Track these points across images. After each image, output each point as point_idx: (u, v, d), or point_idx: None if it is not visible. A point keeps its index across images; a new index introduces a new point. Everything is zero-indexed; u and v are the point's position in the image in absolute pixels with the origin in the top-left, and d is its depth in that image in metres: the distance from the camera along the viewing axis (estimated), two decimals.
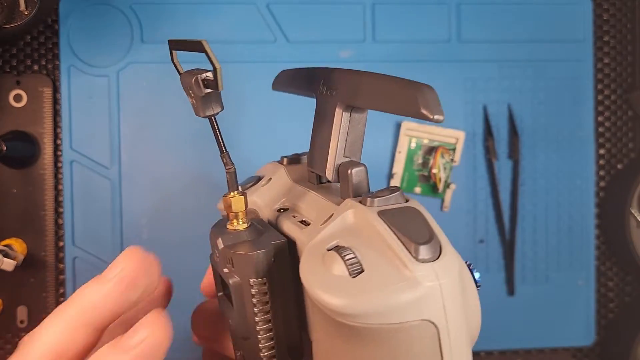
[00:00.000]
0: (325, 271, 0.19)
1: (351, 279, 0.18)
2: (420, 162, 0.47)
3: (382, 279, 0.18)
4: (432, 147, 0.47)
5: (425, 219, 0.20)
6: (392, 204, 0.21)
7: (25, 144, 0.44)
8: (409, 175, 0.47)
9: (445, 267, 0.19)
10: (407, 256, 0.18)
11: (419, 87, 0.20)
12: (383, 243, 0.19)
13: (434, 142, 0.47)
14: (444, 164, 0.46)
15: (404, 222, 0.20)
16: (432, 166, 0.46)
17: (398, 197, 0.21)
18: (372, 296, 0.18)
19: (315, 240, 0.21)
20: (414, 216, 0.20)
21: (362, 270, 0.19)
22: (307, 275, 0.19)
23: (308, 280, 0.19)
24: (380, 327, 0.18)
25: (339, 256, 0.19)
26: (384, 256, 0.19)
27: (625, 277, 0.50)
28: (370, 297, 0.18)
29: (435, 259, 0.19)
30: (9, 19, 0.39)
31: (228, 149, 0.24)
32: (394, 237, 0.19)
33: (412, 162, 0.47)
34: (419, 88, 0.20)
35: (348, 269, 0.19)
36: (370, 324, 0.18)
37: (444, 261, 0.19)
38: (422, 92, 0.19)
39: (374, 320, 0.18)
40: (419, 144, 0.47)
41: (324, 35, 0.46)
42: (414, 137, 0.47)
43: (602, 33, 0.49)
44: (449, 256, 0.19)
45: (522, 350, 0.48)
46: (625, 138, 0.50)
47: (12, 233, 0.44)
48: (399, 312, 0.18)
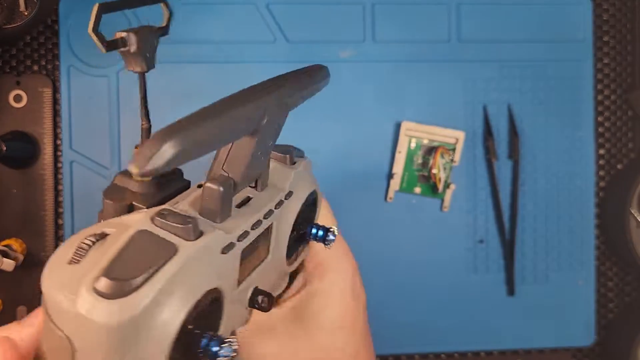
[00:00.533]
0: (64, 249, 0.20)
1: (65, 264, 0.19)
2: (420, 162, 0.47)
3: (70, 279, 0.18)
4: (432, 147, 0.47)
5: (168, 263, 0.19)
6: (165, 229, 0.20)
7: (25, 144, 0.44)
8: (408, 175, 0.47)
9: (107, 311, 0.17)
10: (92, 279, 0.18)
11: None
12: (104, 255, 0.19)
13: (434, 142, 0.47)
14: (444, 164, 0.46)
15: (140, 250, 0.19)
16: (432, 166, 0.46)
17: (179, 228, 0.20)
18: (50, 284, 0.18)
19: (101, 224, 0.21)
20: (156, 251, 0.19)
21: (78, 261, 0.19)
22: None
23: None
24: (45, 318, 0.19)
25: (79, 241, 0.20)
26: (96, 263, 0.18)
27: (625, 277, 0.50)
28: (49, 284, 0.19)
29: (111, 298, 0.17)
30: (9, 19, 0.39)
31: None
32: (111, 255, 0.19)
33: (412, 162, 0.47)
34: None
35: (73, 254, 0.19)
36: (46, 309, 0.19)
37: (112, 306, 0.17)
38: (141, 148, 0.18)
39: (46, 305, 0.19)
40: (418, 144, 0.47)
41: (323, 35, 0.46)
42: (414, 137, 0.47)
43: (601, 33, 0.49)
44: (121, 306, 0.18)
45: (522, 350, 0.48)
46: (625, 138, 0.50)
47: (12, 233, 0.44)
48: (58, 314, 0.18)
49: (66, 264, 0.19)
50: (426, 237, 0.47)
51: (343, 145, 0.46)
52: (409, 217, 0.47)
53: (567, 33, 0.48)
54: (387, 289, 0.47)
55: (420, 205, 0.47)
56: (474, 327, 0.47)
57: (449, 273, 0.48)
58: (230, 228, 0.23)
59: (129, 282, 0.18)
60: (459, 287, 0.48)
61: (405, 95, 0.47)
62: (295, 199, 0.28)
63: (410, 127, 0.46)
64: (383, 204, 0.47)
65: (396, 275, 0.47)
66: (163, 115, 0.47)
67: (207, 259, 0.21)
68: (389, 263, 0.47)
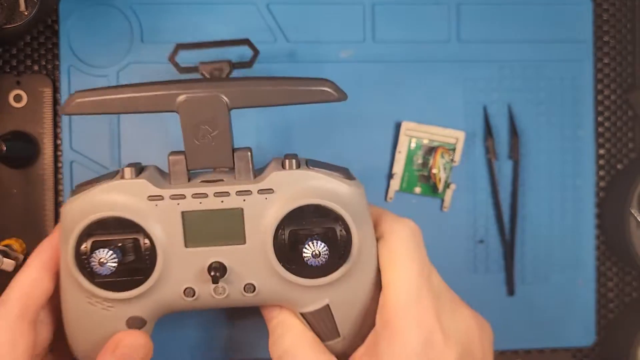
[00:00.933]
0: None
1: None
2: (420, 162, 0.47)
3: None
4: (432, 147, 0.47)
5: (102, 183, 0.32)
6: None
7: (25, 144, 0.44)
8: (408, 175, 0.47)
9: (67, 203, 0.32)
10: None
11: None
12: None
13: (433, 142, 0.47)
14: (444, 164, 0.46)
15: (102, 175, 0.34)
16: (432, 166, 0.46)
17: (129, 170, 0.32)
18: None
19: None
20: (107, 176, 0.33)
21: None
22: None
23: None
24: None
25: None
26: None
27: (625, 277, 0.50)
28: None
29: (71, 196, 0.32)
30: (9, 19, 0.39)
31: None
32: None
33: (412, 162, 0.47)
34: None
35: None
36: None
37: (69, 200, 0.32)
38: None
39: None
40: (419, 144, 0.47)
41: (324, 35, 0.46)
42: (414, 137, 0.47)
43: (602, 33, 0.49)
44: (69, 200, 0.32)
45: (521, 351, 0.48)
46: (625, 138, 0.50)
47: (12, 233, 0.44)
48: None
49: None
50: (426, 236, 0.47)
51: (343, 146, 0.46)
52: (409, 216, 0.47)
53: (567, 33, 0.48)
54: None
55: (420, 205, 0.47)
56: None
57: (448, 273, 0.47)
58: (170, 188, 0.31)
59: (82, 187, 0.32)
60: (458, 286, 0.47)
61: (405, 95, 0.47)
62: (278, 198, 0.31)
63: (410, 127, 0.46)
64: (383, 204, 0.47)
65: None
66: (163, 115, 0.47)
67: (131, 195, 0.30)
68: None
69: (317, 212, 0.31)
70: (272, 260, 0.31)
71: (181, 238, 0.31)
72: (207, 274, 0.31)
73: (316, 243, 0.30)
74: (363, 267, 0.32)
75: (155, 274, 0.31)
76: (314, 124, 0.46)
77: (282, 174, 0.31)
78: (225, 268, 0.31)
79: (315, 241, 0.30)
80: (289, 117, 0.46)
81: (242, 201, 0.31)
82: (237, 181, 0.31)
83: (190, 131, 0.31)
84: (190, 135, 0.31)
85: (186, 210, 0.31)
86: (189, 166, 0.31)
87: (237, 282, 0.31)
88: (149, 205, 0.30)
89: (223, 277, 0.31)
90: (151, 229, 0.30)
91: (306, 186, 0.31)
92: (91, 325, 0.32)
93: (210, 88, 0.31)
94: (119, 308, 0.31)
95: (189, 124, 0.31)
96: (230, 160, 0.32)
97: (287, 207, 0.31)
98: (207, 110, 0.31)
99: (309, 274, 0.31)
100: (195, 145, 0.31)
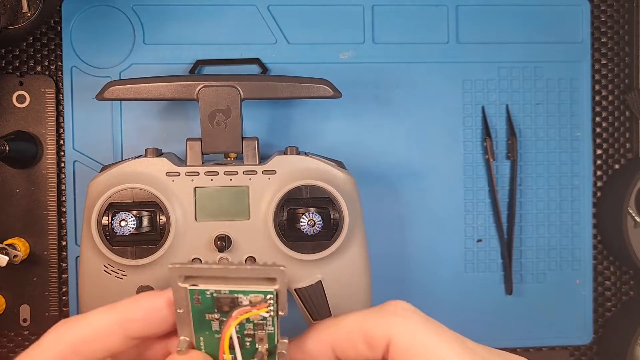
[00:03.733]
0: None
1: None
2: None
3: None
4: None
5: (127, 162, 0.37)
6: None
7: (28, 144, 0.44)
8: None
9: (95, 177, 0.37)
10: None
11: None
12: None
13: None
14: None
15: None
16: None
17: (150, 150, 0.36)
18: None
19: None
20: (132, 159, 0.37)
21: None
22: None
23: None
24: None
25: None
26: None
27: (622, 276, 0.50)
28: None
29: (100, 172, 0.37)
30: (12, 20, 0.40)
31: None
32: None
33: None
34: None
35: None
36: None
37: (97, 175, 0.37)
38: None
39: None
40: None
41: (324, 36, 0.47)
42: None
43: (599, 34, 0.50)
44: (95, 177, 0.37)
45: (520, 349, 0.49)
46: (622, 138, 0.50)
47: (15, 232, 0.44)
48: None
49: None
50: (425, 236, 0.48)
51: (343, 146, 0.47)
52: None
53: (565, 34, 0.49)
54: (386, 287, 0.47)
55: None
56: (472, 325, 0.48)
57: (447, 272, 0.48)
58: (186, 167, 0.35)
59: (109, 167, 0.36)
60: (457, 285, 0.48)
61: (404, 95, 0.47)
62: (279, 178, 0.35)
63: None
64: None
65: (394, 274, 0.47)
66: (165, 115, 0.48)
67: (152, 171, 0.35)
68: (387, 262, 0.47)
69: (314, 192, 0.35)
70: (272, 235, 0.35)
71: (192, 211, 0.35)
72: (213, 245, 0.34)
73: (312, 214, 0.35)
74: (352, 248, 0.36)
75: (167, 243, 0.34)
76: (313, 124, 0.47)
77: (283, 158, 0.36)
78: (231, 240, 0.35)
79: (311, 213, 0.35)
80: (287, 117, 0.46)
81: (248, 180, 0.35)
82: (244, 164, 0.36)
83: (207, 117, 0.36)
84: (207, 120, 0.36)
85: (199, 186, 0.35)
86: (203, 149, 0.36)
87: (240, 254, 0.35)
88: (167, 180, 0.35)
89: (228, 248, 0.35)
90: (167, 202, 0.34)
91: (304, 168, 0.35)
92: (104, 292, 0.35)
93: (225, 80, 0.36)
94: (132, 276, 0.35)
95: (206, 111, 0.36)
96: (239, 146, 0.36)
97: (287, 187, 0.34)
98: (223, 99, 0.36)
99: (305, 249, 0.35)
100: (210, 130, 0.36)
